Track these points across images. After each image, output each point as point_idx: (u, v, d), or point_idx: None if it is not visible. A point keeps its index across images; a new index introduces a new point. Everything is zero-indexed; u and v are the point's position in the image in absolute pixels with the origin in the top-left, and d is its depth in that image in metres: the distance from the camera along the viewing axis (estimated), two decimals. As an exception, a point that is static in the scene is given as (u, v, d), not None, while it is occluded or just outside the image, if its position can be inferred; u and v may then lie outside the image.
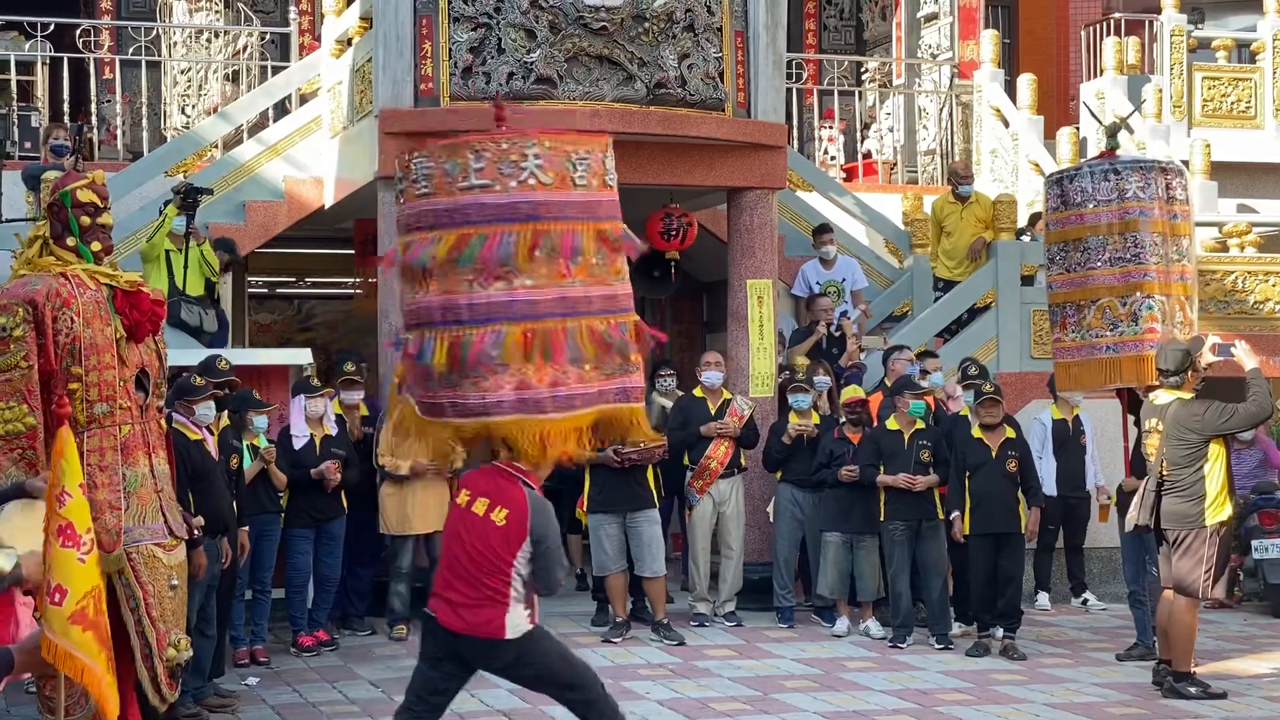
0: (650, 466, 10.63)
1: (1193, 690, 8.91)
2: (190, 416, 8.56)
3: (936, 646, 10.41)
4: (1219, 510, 8.89)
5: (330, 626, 10.53)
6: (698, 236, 12.73)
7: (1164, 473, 9.00)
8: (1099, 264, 10.05)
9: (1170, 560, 9.03)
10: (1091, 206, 10.07)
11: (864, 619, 10.91)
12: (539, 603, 6.35)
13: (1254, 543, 11.97)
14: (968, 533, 10.32)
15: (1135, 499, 9.23)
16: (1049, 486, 11.48)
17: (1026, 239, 13.71)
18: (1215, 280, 13.69)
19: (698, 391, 11.26)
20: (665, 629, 10.46)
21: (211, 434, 8.82)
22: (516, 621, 6.16)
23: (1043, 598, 12.08)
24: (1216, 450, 8.94)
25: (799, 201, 14.20)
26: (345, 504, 10.41)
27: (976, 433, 10.41)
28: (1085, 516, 11.97)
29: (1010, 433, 10.49)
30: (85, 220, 6.84)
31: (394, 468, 10.55)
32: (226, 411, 9.36)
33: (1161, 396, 9.21)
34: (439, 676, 6.30)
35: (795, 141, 16.04)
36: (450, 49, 11.35)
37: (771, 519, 11.48)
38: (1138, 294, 9.94)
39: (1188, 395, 9.08)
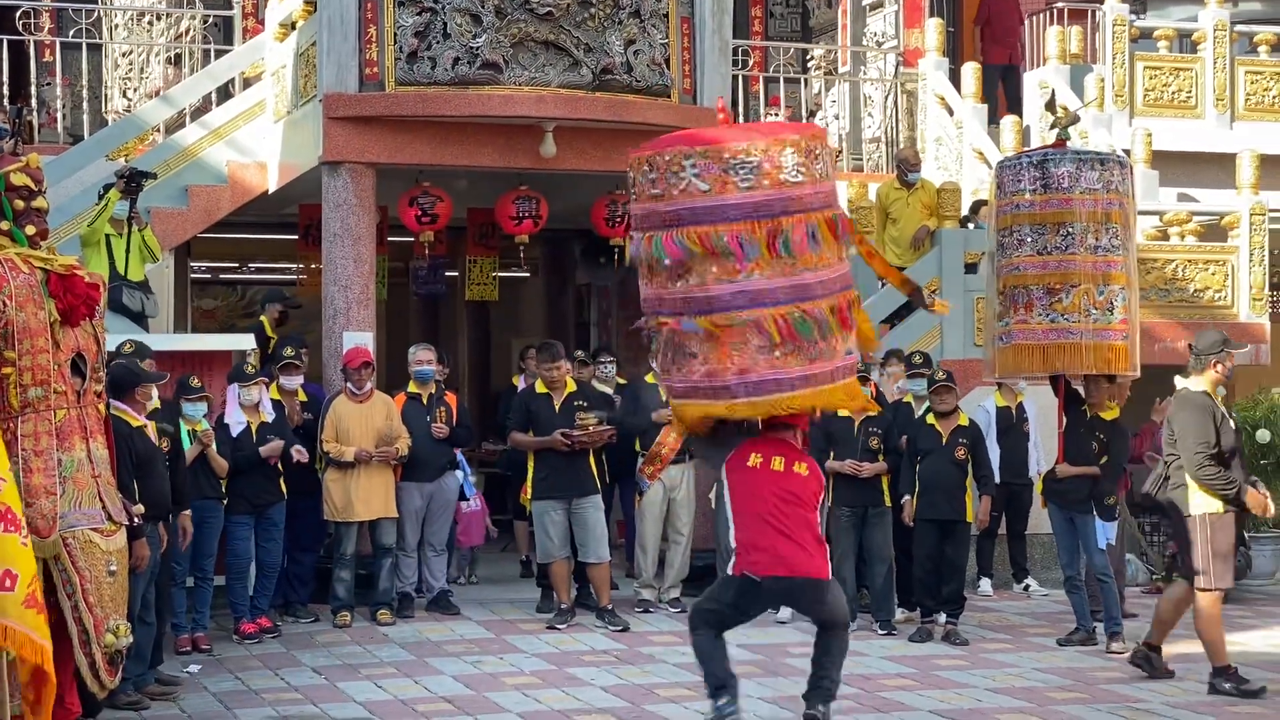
0: (593, 452, 10.62)
1: (1226, 686, 8.74)
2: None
3: (880, 632, 10.46)
4: (1204, 501, 8.75)
5: (272, 613, 10.47)
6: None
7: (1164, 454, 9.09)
8: (1081, 250, 10.00)
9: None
10: (1079, 192, 10.01)
11: (808, 605, 10.94)
12: None
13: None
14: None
15: (1153, 472, 9.29)
16: (992, 473, 11.51)
17: (970, 226, 13.76)
18: (1156, 269, 13.79)
19: (650, 377, 11.21)
20: (610, 615, 10.47)
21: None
22: (821, 565, 6.84)
23: (985, 583, 12.14)
24: None
25: (745, 188, 14.15)
26: (284, 490, 10.34)
27: (930, 419, 10.44)
28: (1028, 503, 12.01)
29: (963, 420, 10.52)
30: (19, 204, 6.76)
31: (338, 453, 10.50)
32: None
33: (1180, 380, 9.13)
34: (741, 620, 7.10)
35: (741, 128, 16.02)
36: (395, 33, 11.29)
37: (714, 505, 11.49)
38: (1114, 285, 9.96)
39: (1196, 387, 8.95)
